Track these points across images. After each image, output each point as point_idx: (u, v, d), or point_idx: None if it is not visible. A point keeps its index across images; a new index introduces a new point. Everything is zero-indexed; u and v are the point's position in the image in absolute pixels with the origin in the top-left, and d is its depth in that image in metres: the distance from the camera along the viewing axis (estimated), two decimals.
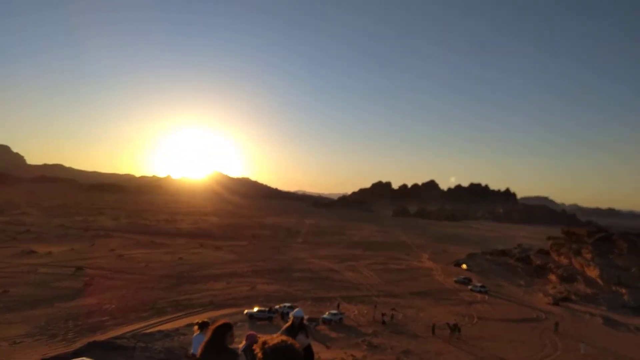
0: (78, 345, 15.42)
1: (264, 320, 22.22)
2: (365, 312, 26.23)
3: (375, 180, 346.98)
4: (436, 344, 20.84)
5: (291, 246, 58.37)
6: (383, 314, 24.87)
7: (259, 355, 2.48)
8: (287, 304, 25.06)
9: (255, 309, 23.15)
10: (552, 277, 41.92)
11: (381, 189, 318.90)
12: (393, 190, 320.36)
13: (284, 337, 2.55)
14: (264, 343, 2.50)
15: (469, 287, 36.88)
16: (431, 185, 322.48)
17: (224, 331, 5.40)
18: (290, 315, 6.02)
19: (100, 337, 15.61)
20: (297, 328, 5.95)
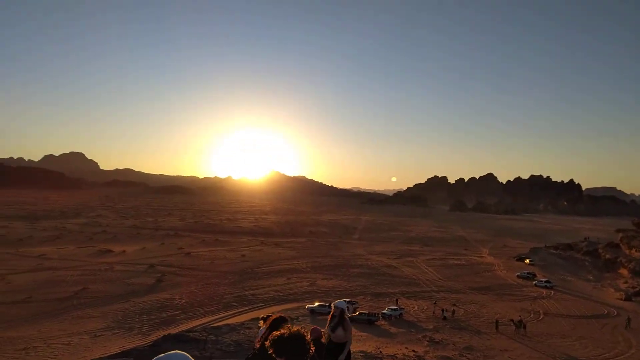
0: (153, 338, 16.57)
1: (325, 314, 22.65)
2: (425, 307, 26.01)
3: (430, 175, 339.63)
4: (500, 340, 20.31)
5: (348, 242, 58.72)
6: (443, 310, 24.55)
7: (267, 344, 2.68)
8: (347, 299, 25.42)
9: (316, 304, 23.67)
10: (623, 271, 39.40)
11: (437, 183, 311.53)
12: (449, 184, 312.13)
13: (297, 328, 2.74)
14: (274, 334, 2.56)
15: (534, 282, 35.38)
16: (489, 178, 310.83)
17: (279, 324, 5.66)
18: (332, 304, 6.09)
19: (173, 330, 16.61)
20: (337, 319, 5.88)
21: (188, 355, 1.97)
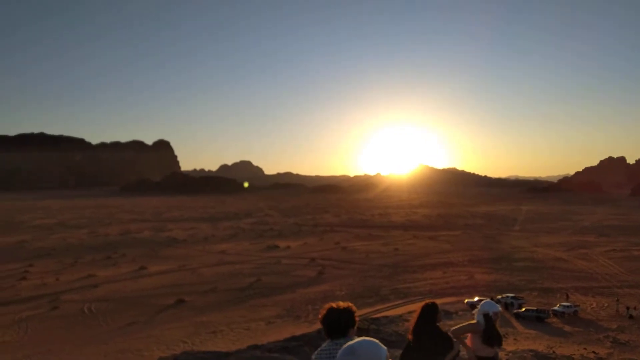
0: (319, 325, 17.84)
1: None
2: (606, 304, 22.94)
3: (603, 157, 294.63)
4: None
5: (507, 234, 54.61)
6: (629, 307, 21.37)
7: (319, 317, 2.89)
8: (511, 294, 23.81)
9: (476, 299, 22.65)
10: None
11: (613, 165, 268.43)
12: (628, 165, 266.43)
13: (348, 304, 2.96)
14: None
15: None
16: None
17: (433, 311, 5.51)
18: (474, 312, 5.51)
19: None
20: (487, 327, 5.15)
21: (378, 342, 2.20)
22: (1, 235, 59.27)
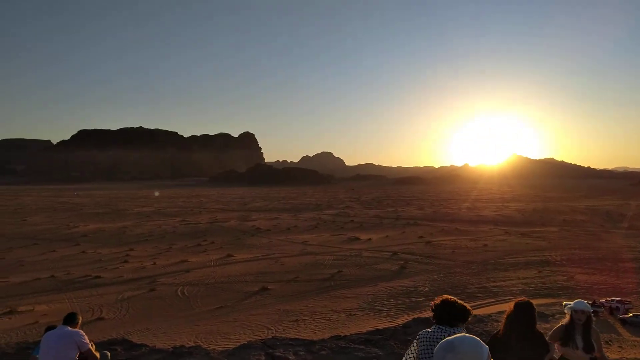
0: (400, 320, 17.32)
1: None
2: None
3: None
4: None
5: (613, 232, 49.52)
6: None
7: (431, 304, 3.07)
8: (616, 298, 21.46)
9: (572, 303, 20.67)
10: None
11: None
12: None
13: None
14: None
15: None
16: None
17: (527, 310, 4.97)
18: (566, 309, 4.94)
19: (421, 315, 16.92)
20: (583, 326, 4.73)
21: (479, 340, 1.92)
22: (107, 221, 65.26)
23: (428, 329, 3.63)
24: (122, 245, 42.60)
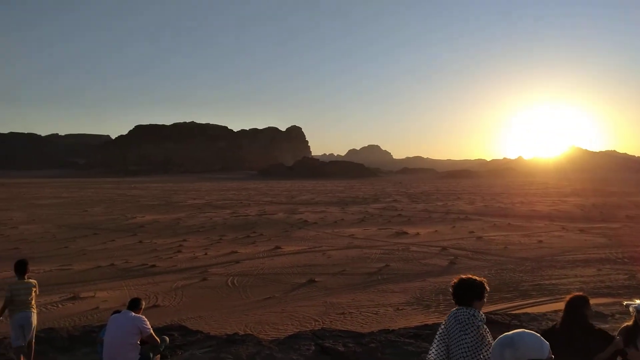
0: None
1: None
2: None
3: None
4: None
5: None
6: None
7: (451, 284, 3.61)
8: None
9: (637, 302, 19.50)
10: None
11: None
12: None
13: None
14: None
15: None
16: None
17: (582, 304, 4.81)
18: (631, 308, 4.68)
19: None
20: (633, 324, 4.54)
21: (540, 335, 1.88)
22: (162, 213, 68.05)
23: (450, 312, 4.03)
24: (176, 236, 44.31)
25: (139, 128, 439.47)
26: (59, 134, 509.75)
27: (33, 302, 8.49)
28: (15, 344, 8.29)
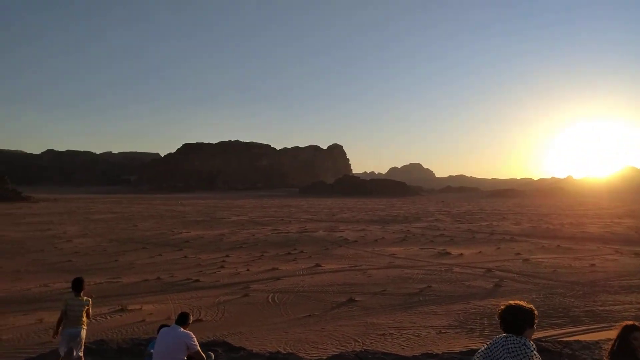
0: None
1: None
2: None
3: None
4: None
5: None
6: None
7: (498, 311, 3.41)
8: None
9: None
10: None
11: None
12: None
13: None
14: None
15: None
16: None
17: (628, 332, 4.66)
18: None
19: None
20: None
21: None
22: (207, 229, 69.77)
23: (497, 338, 3.89)
24: (220, 251, 45.27)
25: (186, 146, 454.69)
26: (112, 152, 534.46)
27: (84, 319, 9.19)
28: (61, 353, 9.05)
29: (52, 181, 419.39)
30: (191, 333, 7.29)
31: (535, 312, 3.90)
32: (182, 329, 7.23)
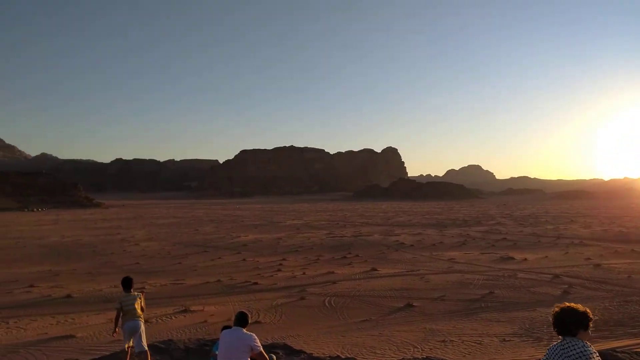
0: None
1: None
2: None
3: None
4: None
5: None
6: None
7: (552, 313, 3.43)
8: None
9: None
10: None
11: None
12: None
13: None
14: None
15: None
16: None
17: None
18: None
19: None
20: None
21: None
22: (264, 233, 71.23)
23: (555, 344, 3.81)
24: (276, 255, 46.02)
25: (243, 152, 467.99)
26: (175, 160, 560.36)
27: (139, 311, 9.93)
28: (125, 346, 9.88)
29: (120, 188, 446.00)
30: (254, 335, 7.39)
31: (591, 315, 3.83)
32: (244, 331, 7.36)
